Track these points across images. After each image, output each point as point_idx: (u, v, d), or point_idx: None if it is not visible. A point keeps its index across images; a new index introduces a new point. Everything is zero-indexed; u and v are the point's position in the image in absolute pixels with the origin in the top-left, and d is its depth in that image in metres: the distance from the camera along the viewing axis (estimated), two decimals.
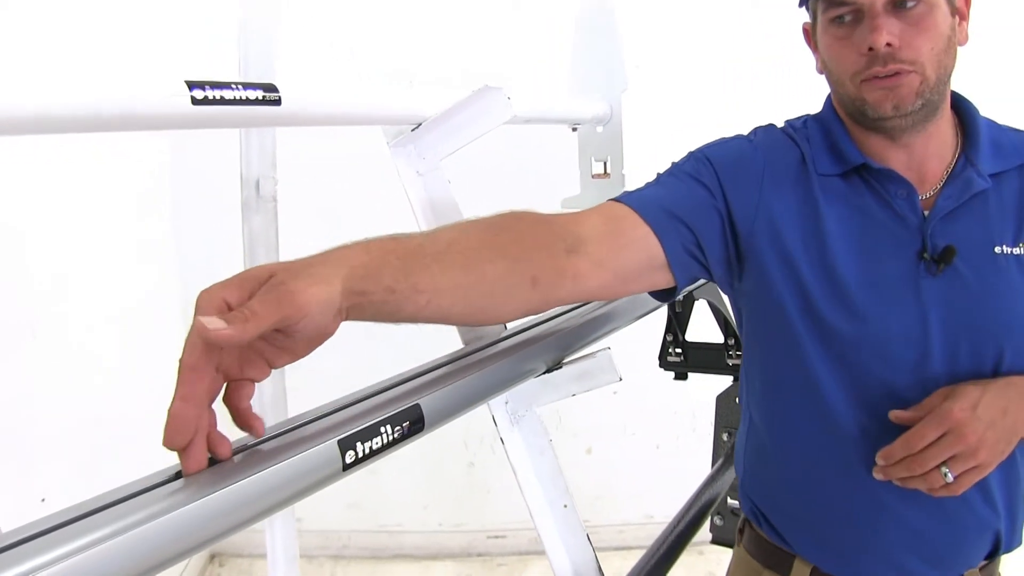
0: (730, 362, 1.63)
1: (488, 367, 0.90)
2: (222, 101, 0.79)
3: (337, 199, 2.62)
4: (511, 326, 1.07)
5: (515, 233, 0.86)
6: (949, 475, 0.87)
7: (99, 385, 2.26)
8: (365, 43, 2.56)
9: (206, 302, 0.61)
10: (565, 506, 1.09)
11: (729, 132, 1.08)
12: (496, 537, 3.06)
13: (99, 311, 2.30)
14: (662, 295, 1.05)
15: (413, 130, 1.07)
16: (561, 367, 1.03)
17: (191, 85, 0.77)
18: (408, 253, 0.74)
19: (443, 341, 0.98)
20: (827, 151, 1.02)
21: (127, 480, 0.61)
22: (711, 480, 1.45)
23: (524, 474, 1.09)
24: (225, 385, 0.64)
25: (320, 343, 0.67)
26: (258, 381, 0.65)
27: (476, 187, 1.29)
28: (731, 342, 1.62)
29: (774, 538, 1.10)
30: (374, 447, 0.73)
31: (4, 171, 1.83)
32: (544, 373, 1.03)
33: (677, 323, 1.66)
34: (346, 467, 0.70)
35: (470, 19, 2.65)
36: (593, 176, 1.53)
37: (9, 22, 1.78)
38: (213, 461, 0.63)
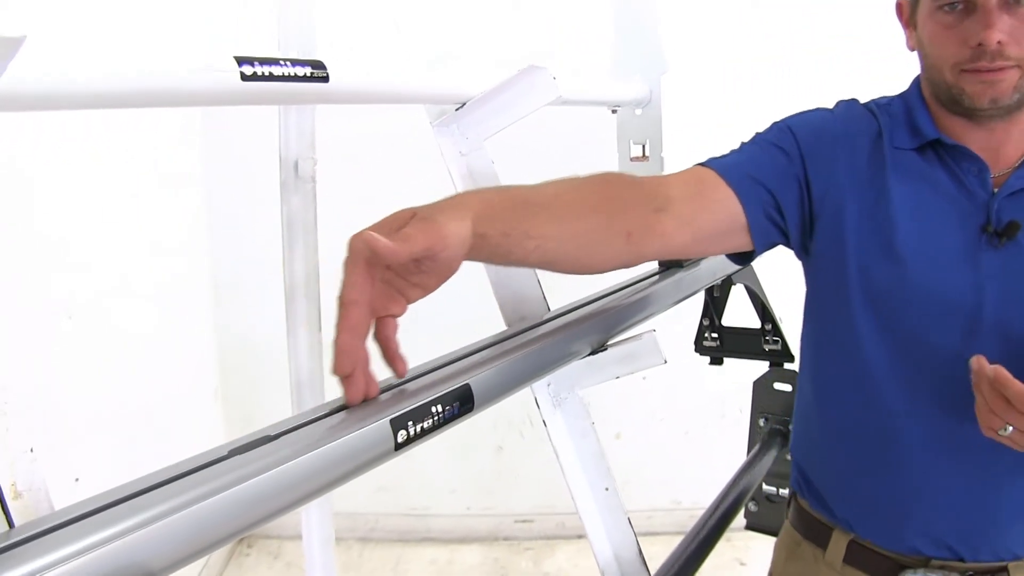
0: (767, 347, 1.62)
1: (535, 348, 0.90)
2: (271, 77, 0.78)
3: (374, 180, 2.62)
4: (554, 309, 1.06)
5: (613, 190, 0.92)
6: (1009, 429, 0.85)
7: (132, 365, 2.27)
8: (405, 21, 2.55)
9: (362, 244, 0.67)
10: (607, 489, 1.08)
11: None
12: (524, 521, 3.07)
13: (132, 290, 2.31)
14: (740, 259, 1.09)
15: (457, 109, 1.06)
16: (606, 349, 1.02)
17: (240, 61, 0.76)
18: (520, 202, 0.83)
19: (481, 326, 0.98)
20: (905, 126, 1.03)
21: (158, 460, 0.61)
22: (748, 466, 1.44)
23: (566, 456, 1.08)
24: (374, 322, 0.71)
25: (447, 278, 0.75)
26: (397, 316, 0.73)
27: (512, 169, 1.28)
28: (768, 327, 1.60)
29: (816, 507, 1.13)
30: (425, 427, 0.72)
31: (37, 151, 1.84)
32: (589, 355, 1.02)
33: (714, 308, 1.64)
34: (398, 447, 0.70)
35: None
36: (632, 159, 1.52)
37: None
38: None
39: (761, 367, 1.72)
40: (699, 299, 1.72)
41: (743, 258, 1.08)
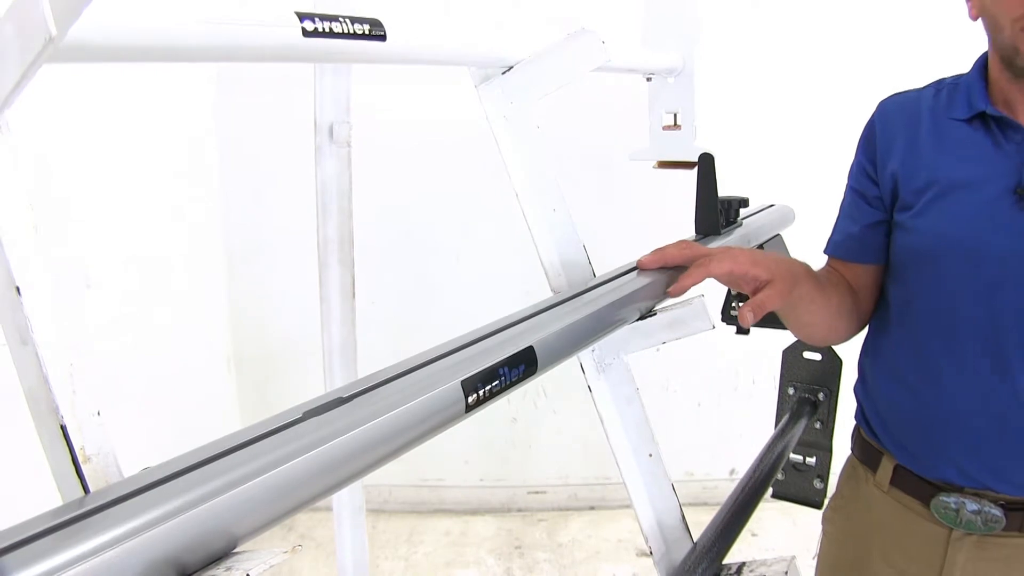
0: None
1: (590, 312, 0.89)
2: (331, 34, 0.77)
3: (407, 145, 2.61)
4: (600, 275, 1.06)
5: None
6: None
7: (146, 333, 2.27)
8: None
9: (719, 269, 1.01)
10: (650, 455, 1.08)
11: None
12: (537, 492, 3.08)
13: (146, 259, 2.30)
14: None
15: (504, 73, 1.04)
16: (654, 314, 1.01)
17: (301, 16, 0.75)
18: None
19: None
20: (963, 100, 1.11)
21: (173, 427, 0.60)
22: (780, 434, 1.44)
23: (610, 422, 1.08)
24: None
25: None
26: None
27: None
28: None
29: (869, 435, 1.24)
30: (493, 389, 0.72)
31: (53, 117, 1.82)
32: (637, 320, 1.01)
33: None
34: (468, 408, 0.69)
35: None
36: (664, 127, 1.50)
37: None
38: None
39: (773, 337, 1.71)
40: None
41: None
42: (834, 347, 1.57)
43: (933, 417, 1.12)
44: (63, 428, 0.52)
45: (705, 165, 1.28)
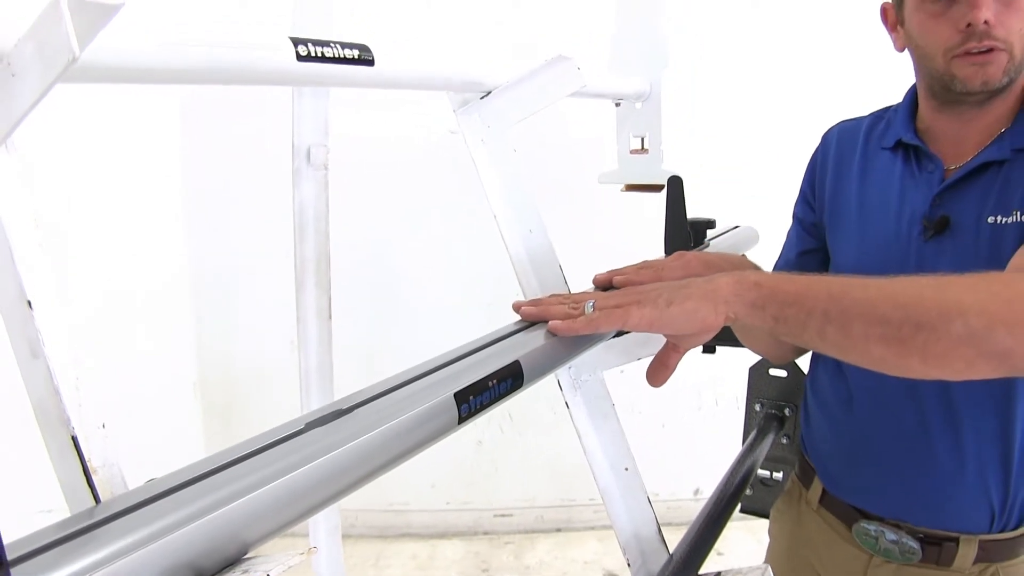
0: None
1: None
2: (323, 58, 0.79)
3: (383, 169, 2.62)
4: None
5: None
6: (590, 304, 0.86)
7: (112, 359, 2.24)
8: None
9: (632, 321, 0.84)
10: (627, 469, 1.11)
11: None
12: (503, 515, 3.09)
13: (112, 285, 2.28)
14: None
15: (482, 97, 1.07)
16: (628, 331, 1.04)
17: (295, 41, 0.77)
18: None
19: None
20: (889, 130, 1.14)
21: (139, 453, 0.61)
22: (749, 450, 1.47)
23: (587, 437, 1.10)
24: None
25: None
26: None
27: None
28: None
29: (806, 454, 1.30)
30: (483, 401, 0.74)
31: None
32: (613, 337, 1.04)
33: None
34: (461, 419, 0.71)
35: None
36: (632, 151, 1.55)
37: None
38: None
39: (736, 358, 1.75)
40: None
41: None
42: (797, 363, 1.62)
43: (850, 443, 1.17)
44: (74, 439, 0.53)
45: (674, 188, 1.32)
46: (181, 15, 2.27)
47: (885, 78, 1.35)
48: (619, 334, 1.03)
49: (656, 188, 1.52)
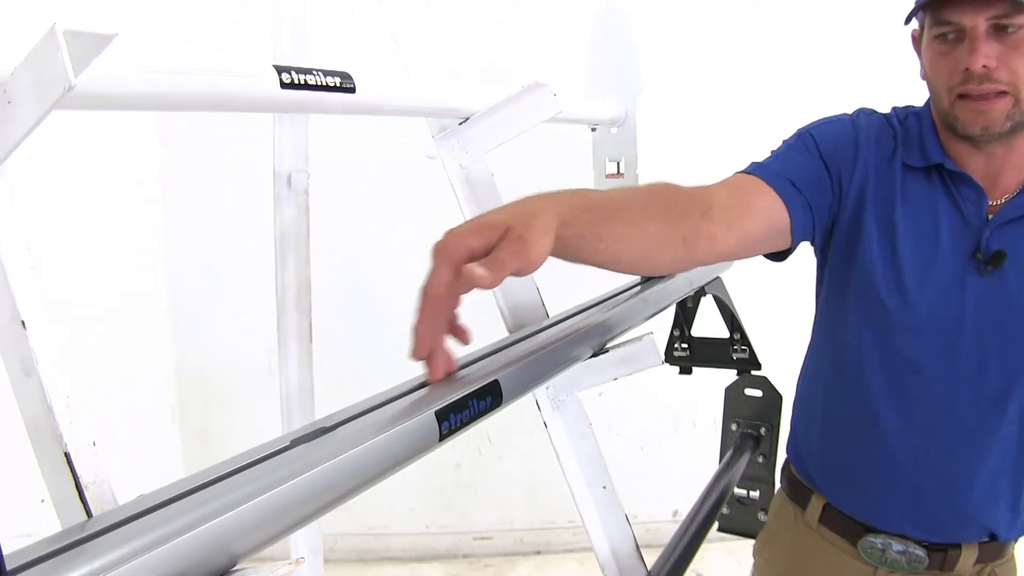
0: (735, 356, 1.68)
1: (547, 350, 0.93)
2: (305, 86, 0.81)
3: (365, 193, 2.64)
4: (553, 315, 1.11)
5: (671, 199, 0.96)
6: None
7: (89, 382, 2.23)
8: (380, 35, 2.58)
9: (455, 248, 0.69)
10: (604, 487, 1.13)
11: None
12: (482, 539, 3.08)
13: (88, 306, 2.28)
14: (776, 256, 1.15)
15: (461, 124, 1.09)
16: (606, 351, 1.07)
17: (279, 69, 0.79)
18: (595, 207, 0.85)
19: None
20: (916, 146, 1.09)
21: (116, 477, 0.62)
22: (725, 469, 1.50)
23: (566, 456, 1.12)
24: None
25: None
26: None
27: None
28: (736, 336, 1.67)
29: (800, 472, 1.27)
30: (463, 419, 0.76)
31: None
32: (590, 358, 1.06)
33: (684, 318, 1.70)
34: (441, 437, 0.73)
35: (483, 18, 2.67)
36: (607, 176, 1.58)
37: None
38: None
39: (713, 379, 1.78)
40: (668, 312, 1.78)
41: (778, 256, 1.15)
42: (772, 383, 1.65)
43: (873, 466, 1.15)
44: (67, 456, 0.55)
45: None
46: (164, 40, 2.29)
47: (885, 78, 1.35)
48: (599, 350, 1.06)
49: None
